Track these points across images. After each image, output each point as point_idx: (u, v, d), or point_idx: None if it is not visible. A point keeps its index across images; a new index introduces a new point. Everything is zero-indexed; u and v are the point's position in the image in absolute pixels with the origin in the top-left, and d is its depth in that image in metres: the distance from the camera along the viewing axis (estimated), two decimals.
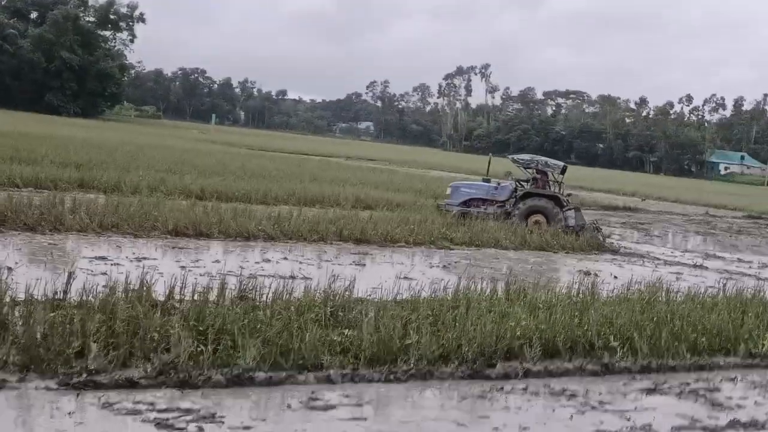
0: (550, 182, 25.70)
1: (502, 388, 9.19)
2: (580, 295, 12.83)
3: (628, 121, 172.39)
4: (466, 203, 25.40)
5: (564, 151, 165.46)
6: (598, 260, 21.22)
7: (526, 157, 26.54)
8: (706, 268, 21.84)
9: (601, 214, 38.93)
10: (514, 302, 11.86)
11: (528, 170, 25.95)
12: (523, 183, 26.01)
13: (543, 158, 26.82)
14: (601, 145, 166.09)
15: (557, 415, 8.45)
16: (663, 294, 13.60)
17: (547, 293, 12.62)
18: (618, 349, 10.72)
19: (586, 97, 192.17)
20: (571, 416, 8.46)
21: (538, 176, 25.56)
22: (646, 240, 28.63)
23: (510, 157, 26.48)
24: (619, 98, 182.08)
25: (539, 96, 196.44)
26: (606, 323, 11.25)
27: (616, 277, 17.48)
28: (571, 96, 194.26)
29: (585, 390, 9.50)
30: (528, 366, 9.90)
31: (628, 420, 8.47)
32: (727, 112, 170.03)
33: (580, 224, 24.64)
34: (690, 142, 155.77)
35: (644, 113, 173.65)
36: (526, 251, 21.29)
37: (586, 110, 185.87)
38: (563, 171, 26.14)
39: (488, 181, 26.35)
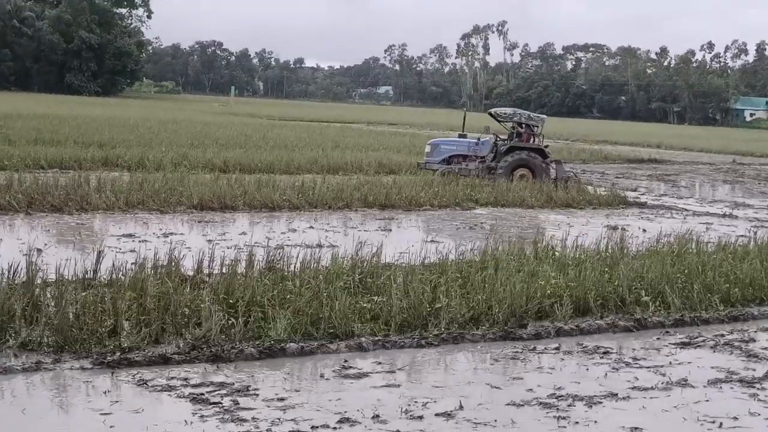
0: (535, 136, 25.22)
1: (534, 349, 9.16)
2: (609, 251, 12.74)
3: (649, 72, 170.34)
4: (447, 160, 24.98)
5: (586, 105, 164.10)
6: (626, 215, 21.05)
7: (508, 110, 26.09)
8: (736, 217, 21.65)
9: (626, 168, 38.68)
10: (542, 261, 11.80)
11: (510, 124, 25.43)
12: (502, 137, 25.55)
13: (525, 112, 26.50)
14: (623, 98, 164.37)
15: (591, 374, 8.41)
16: (693, 245, 13.48)
17: (576, 250, 12.54)
18: (650, 304, 10.66)
19: (605, 50, 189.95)
20: (606, 374, 8.42)
21: (522, 130, 25.05)
22: (673, 192, 28.38)
23: (492, 111, 26.12)
24: (639, 49, 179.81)
25: (558, 51, 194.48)
26: (636, 278, 11.17)
27: (644, 231, 17.37)
28: (591, 49, 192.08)
29: (618, 347, 9.45)
30: (559, 325, 9.86)
31: (663, 375, 8.41)
32: (750, 58, 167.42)
33: (562, 176, 24.47)
34: (713, 90, 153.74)
35: (665, 63, 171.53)
36: (555, 209, 21.18)
37: (607, 63, 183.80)
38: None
39: (465, 136, 25.97)
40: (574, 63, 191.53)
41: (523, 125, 25.07)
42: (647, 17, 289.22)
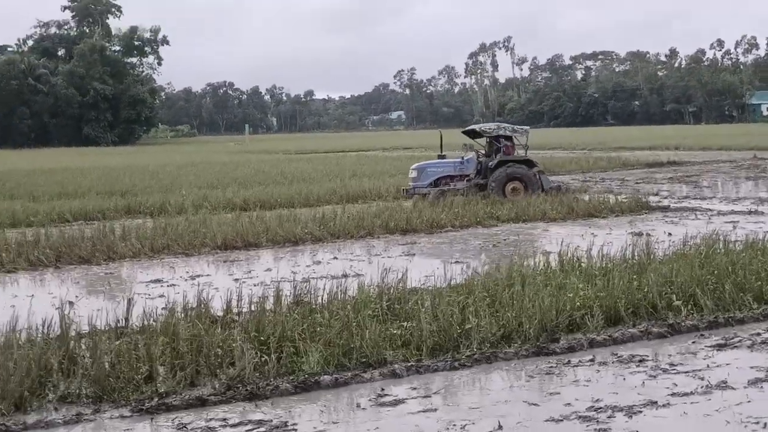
0: (516, 147, 25.00)
1: (568, 362, 9.12)
2: (636, 257, 12.69)
3: (660, 74, 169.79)
4: (435, 183, 24.56)
5: (599, 113, 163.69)
6: (650, 220, 20.96)
7: (491, 125, 25.78)
8: (762, 213, 21.49)
9: (646, 172, 38.52)
10: (569, 273, 11.77)
11: (494, 138, 25.07)
12: (480, 152, 25.27)
13: (509, 125, 26.33)
14: (636, 103, 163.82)
15: (628, 383, 8.37)
16: (721, 245, 13.38)
17: (602, 259, 12.50)
18: (682, 308, 10.58)
19: (615, 56, 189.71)
20: (643, 382, 8.37)
21: (509, 143, 24.83)
22: (695, 193, 28.23)
23: (469, 128, 25.88)
24: (648, 53, 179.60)
25: (567, 61, 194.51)
26: (666, 283, 11.10)
27: (670, 234, 17.27)
28: (600, 57, 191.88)
29: (654, 353, 9.39)
30: (592, 336, 9.82)
31: (702, 379, 8.34)
32: (761, 52, 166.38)
33: (549, 186, 24.43)
34: (727, 87, 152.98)
35: (676, 64, 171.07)
36: (577, 220, 21.14)
37: (617, 69, 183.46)
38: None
39: (444, 157, 25.70)
40: (583, 72, 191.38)
41: (501, 138, 24.81)
42: (653, 20, 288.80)
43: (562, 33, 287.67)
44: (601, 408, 7.56)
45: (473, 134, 25.82)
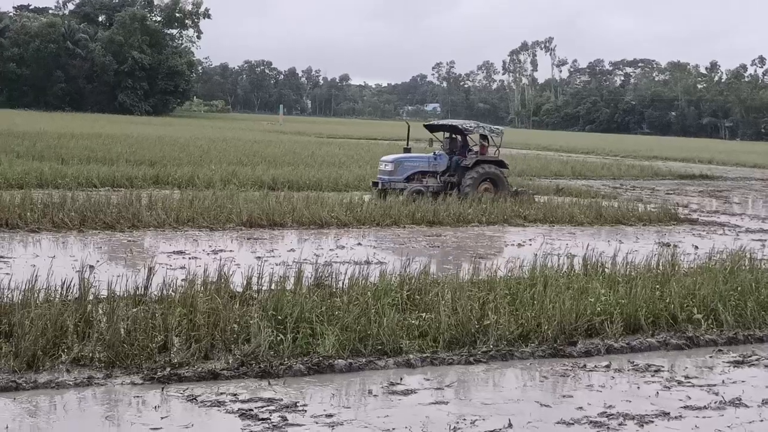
0: (489, 147, 24.27)
1: (584, 366, 9.05)
2: (660, 268, 12.57)
3: (700, 87, 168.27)
4: (408, 178, 23.43)
5: (635, 121, 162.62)
6: (678, 231, 20.77)
7: (471, 123, 24.99)
8: None
9: (677, 184, 38.21)
10: (592, 278, 11.68)
11: (445, 135, 24.56)
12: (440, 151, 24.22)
13: (487, 125, 25.79)
14: (673, 114, 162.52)
15: (643, 392, 8.29)
16: (747, 262, 13.24)
17: (626, 267, 12.39)
18: (702, 322, 10.48)
19: (655, 65, 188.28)
20: (657, 392, 8.29)
21: (485, 143, 24.16)
22: (725, 208, 27.94)
23: (456, 124, 24.66)
24: (689, 64, 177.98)
25: (607, 67, 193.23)
26: (688, 295, 11.01)
27: (696, 247, 17.11)
28: (640, 64, 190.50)
29: (670, 365, 9.31)
30: (610, 342, 9.75)
31: (716, 394, 8.26)
32: None
33: (522, 190, 24.20)
34: (766, 105, 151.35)
35: (716, 78, 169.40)
36: (605, 225, 21.01)
37: (656, 78, 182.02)
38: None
39: (409, 150, 24.75)
40: (623, 78, 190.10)
41: (482, 137, 24.23)
42: (697, 32, 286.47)
43: (605, 38, 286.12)
44: (612, 414, 7.50)
45: (432, 128, 25.19)
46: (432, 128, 25.35)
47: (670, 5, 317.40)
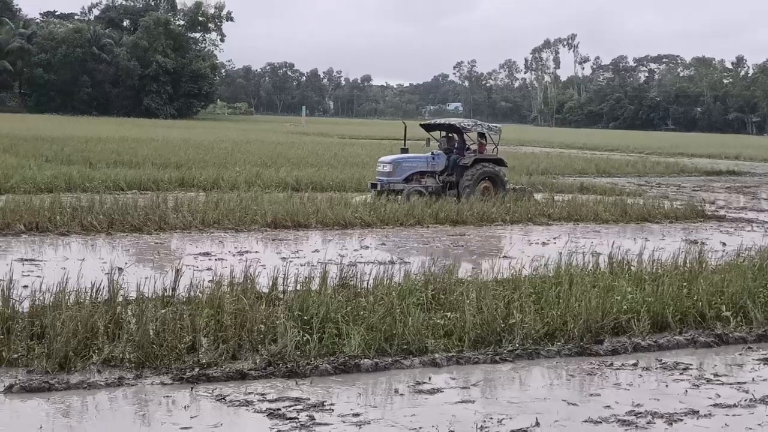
0: (487, 145, 23.93)
1: (611, 364, 9.03)
2: (688, 265, 12.51)
3: (725, 82, 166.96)
4: (407, 179, 22.91)
5: (660, 117, 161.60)
6: (705, 228, 20.65)
7: (469, 122, 24.69)
8: None
9: (704, 180, 37.94)
10: (618, 276, 11.64)
11: (442, 134, 24.20)
12: (438, 150, 23.76)
13: (485, 123, 25.24)
14: (698, 109, 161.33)
15: (671, 390, 8.26)
16: None
17: (653, 264, 12.35)
18: (731, 319, 10.42)
19: (679, 60, 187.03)
20: (686, 390, 8.26)
21: (483, 141, 23.87)
22: (753, 204, 27.72)
23: (455, 122, 24.26)
24: (714, 59, 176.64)
25: (631, 63, 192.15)
26: (716, 292, 10.94)
27: (724, 244, 17.00)
28: (664, 60, 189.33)
29: (699, 363, 9.26)
30: (637, 340, 9.72)
31: (746, 392, 8.21)
32: None
33: (520, 188, 23.74)
34: None
35: (742, 73, 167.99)
36: (630, 223, 20.92)
37: (681, 74, 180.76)
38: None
39: (406, 150, 24.17)
40: (647, 75, 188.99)
41: (480, 135, 23.95)
42: (722, 27, 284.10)
43: (628, 34, 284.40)
44: (641, 413, 7.48)
45: (428, 128, 24.79)
46: (429, 128, 24.85)
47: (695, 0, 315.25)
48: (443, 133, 24.38)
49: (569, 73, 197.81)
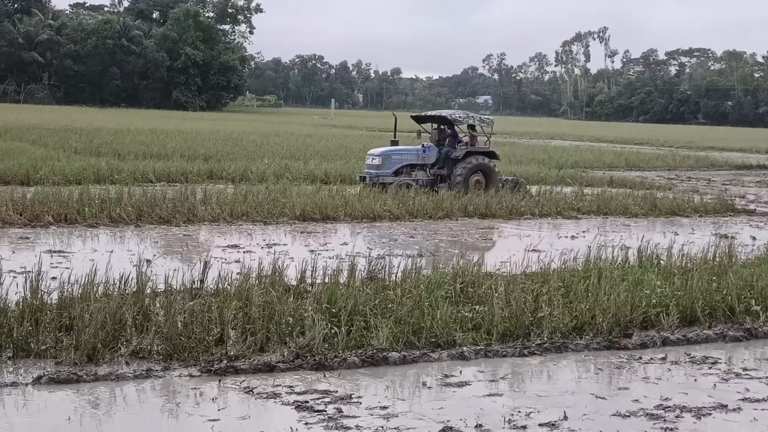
0: (478, 137, 23.24)
1: (640, 358, 8.98)
2: (717, 259, 12.39)
3: (757, 75, 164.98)
4: (396, 172, 22.33)
5: (690, 111, 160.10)
6: (735, 223, 20.44)
7: (461, 113, 24.04)
8: None
9: (734, 174, 37.57)
10: (647, 270, 11.56)
11: (434, 127, 23.59)
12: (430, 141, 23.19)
13: (476, 114, 24.61)
14: (729, 103, 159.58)
15: (700, 384, 8.20)
16: None
17: (682, 258, 12.25)
18: (761, 313, 10.32)
19: (710, 54, 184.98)
20: (715, 385, 8.19)
21: (474, 133, 23.17)
22: None
23: (446, 114, 23.52)
24: (745, 53, 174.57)
25: (661, 56, 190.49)
26: (746, 287, 10.85)
27: (754, 239, 16.83)
28: (695, 54, 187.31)
29: (727, 357, 9.19)
30: (666, 334, 9.65)
31: None
32: None
33: (512, 180, 23.14)
34: None
35: None
36: (660, 217, 20.77)
37: (712, 67, 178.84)
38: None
39: (397, 143, 23.49)
40: (677, 68, 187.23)
41: (470, 128, 23.28)
42: (754, 20, 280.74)
43: (658, 28, 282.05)
44: (669, 407, 7.43)
45: (419, 120, 24.25)
46: (420, 119, 24.34)
47: None
48: (435, 126, 23.74)
49: (599, 66, 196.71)
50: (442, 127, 23.55)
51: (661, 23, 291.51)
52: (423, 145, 23.06)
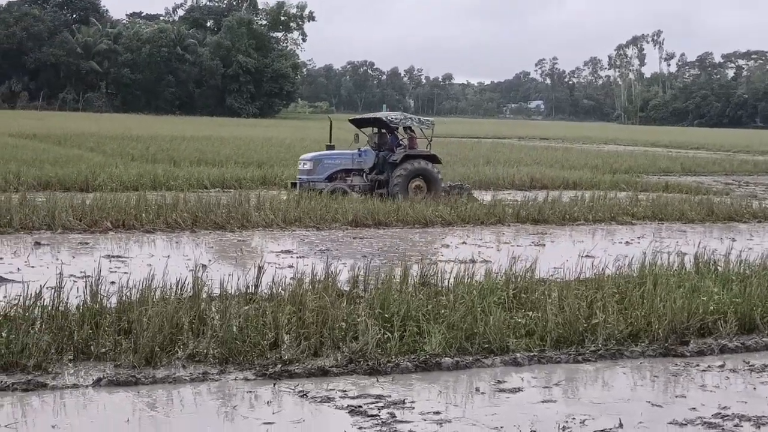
0: (417, 140, 22.43)
1: (697, 366, 8.86)
2: None
3: None
4: (330, 177, 21.72)
5: (748, 115, 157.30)
6: None
7: (397, 115, 22.85)
8: None
9: None
10: (704, 276, 11.40)
11: (372, 130, 22.83)
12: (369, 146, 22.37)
13: (415, 116, 23.59)
14: None
15: (759, 392, 8.06)
16: None
17: (740, 265, 12.05)
18: None
19: None
20: None
21: (414, 136, 22.32)
22: None
23: (381, 116, 22.53)
24: None
25: (718, 59, 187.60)
26: None
27: None
28: (753, 56, 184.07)
29: None
30: (724, 342, 9.51)
31: None
32: None
33: (452, 185, 22.30)
34: None
35: None
36: (717, 223, 20.47)
37: None
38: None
39: (332, 147, 22.75)
40: (735, 71, 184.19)
41: (407, 131, 22.34)
42: None
43: (714, 30, 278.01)
44: (728, 416, 7.32)
45: (357, 123, 23.47)
46: (358, 123, 23.47)
47: None
48: (375, 129, 22.83)
49: (654, 69, 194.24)
50: (382, 131, 22.61)
51: (717, 25, 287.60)
52: (359, 149, 22.16)
